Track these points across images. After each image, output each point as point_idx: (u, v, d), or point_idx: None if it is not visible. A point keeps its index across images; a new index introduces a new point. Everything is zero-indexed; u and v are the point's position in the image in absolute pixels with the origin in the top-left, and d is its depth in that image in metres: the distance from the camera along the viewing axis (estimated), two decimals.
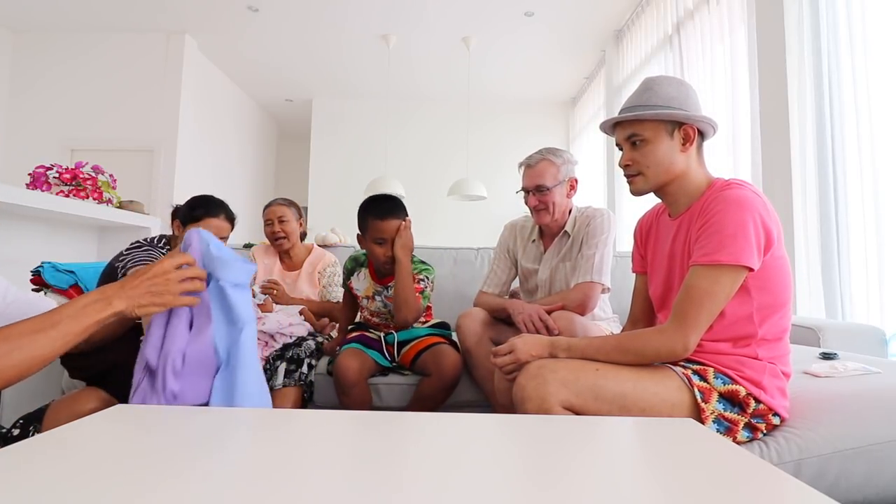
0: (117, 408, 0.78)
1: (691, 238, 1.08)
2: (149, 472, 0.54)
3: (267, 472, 0.53)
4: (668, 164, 1.12)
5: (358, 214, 1.71)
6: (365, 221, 1.69)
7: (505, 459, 0.62)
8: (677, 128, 1.12)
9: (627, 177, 1.18)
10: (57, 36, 5.05)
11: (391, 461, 0.59)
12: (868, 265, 2.01)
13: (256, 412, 0.84)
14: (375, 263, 1.76)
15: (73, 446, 0.60)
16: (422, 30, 4.95)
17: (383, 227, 1.64)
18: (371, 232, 1.67)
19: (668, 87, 1.13)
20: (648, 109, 1.11)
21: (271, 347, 1.95)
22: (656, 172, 1.13)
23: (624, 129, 1.15)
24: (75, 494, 0.47)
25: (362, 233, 1.72)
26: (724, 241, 0.99)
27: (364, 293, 1.84)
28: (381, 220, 1.64)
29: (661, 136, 1.11)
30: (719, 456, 0.62)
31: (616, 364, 1.06)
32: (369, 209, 1.69)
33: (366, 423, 0.76)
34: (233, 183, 6.39)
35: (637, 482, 0.54)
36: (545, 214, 1.73)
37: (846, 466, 1.01)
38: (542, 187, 1.69)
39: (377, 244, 1.67)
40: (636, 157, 1.14)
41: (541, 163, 1.71)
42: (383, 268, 1.73)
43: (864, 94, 2.03)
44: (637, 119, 1.12)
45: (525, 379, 1.04)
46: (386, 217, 1.65)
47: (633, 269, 1.35)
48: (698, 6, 3.29)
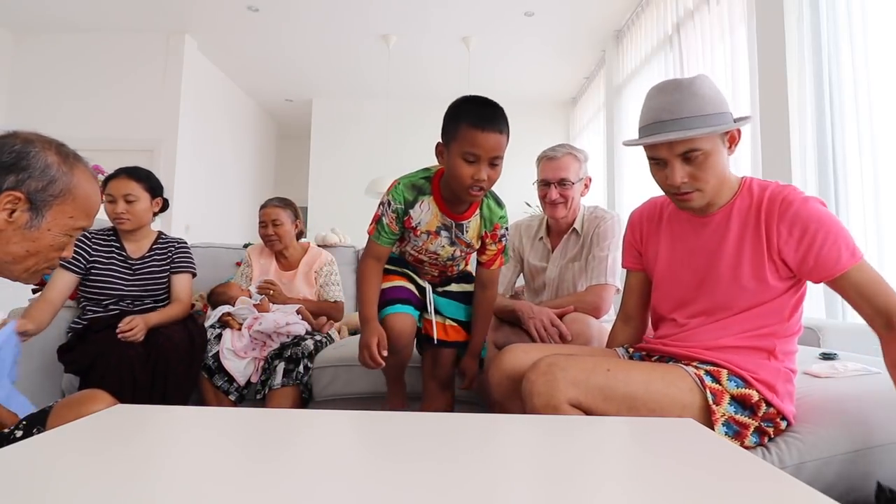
0: (117, 408, 0.78)
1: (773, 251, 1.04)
2: (149, 472, 0.54)
3: (267, 472, 0.53)
4: (723, 174, 1.06)
5: (446, 116, 1.31)
6: (456, 125, 1.26)
7: (505, 459, 0.62)
8: (727, 133, 1.05)
9: (680, 194, 1.06)
10: (57, 36, 5.04)
11: (391, 461, 0.59)
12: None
13: (257, 412, 0.84)
14: (453, 186, 1.32)
15: (73, 446, 0.60)
16: (422, 30, 4.95)
17: (483, 140, 1.23)
18: (461, 143, 1.24)
19: (711, 90, 1.03)
20: (707, 119, 1.00)
21: (269, 347, 1.96)
22: (716, 186, 1.05)
23: (675, 144, 1.01)
24: (75, 494, 0.47)
25: (446, 141, 1.30)
26: (847, 240, 1.00)
27: (426, 227, 1.42)
28: (482, 131, 1.22)
29: (718, 146, 1.03)
30: (719, 456, 0.62)
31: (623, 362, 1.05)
32: (467, 111, 1.27)
33: (366, 423, 0.76)
34: (232, 183, 6.39)
35: (637, 482, 0.54)
36: (562, 208, 1.70)
37: (846, 466, 1.01)
38: (565, 181, 1.66)
39: (467, 161, 1.25)
40: (694, 172, 1.03)
41: (566, 157, 1.68)
42: (464, 194, 1.31)
43: (865, 93, 2.03)
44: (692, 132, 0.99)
45: (535, 375, 1.02)
46: (488, 127, 1.23)
47: (626, 265, 1.32)
48: (698, 6, 3.29)
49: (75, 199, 0.90)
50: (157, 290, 1.93)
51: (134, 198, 1.86)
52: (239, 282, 2.27)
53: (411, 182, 1.40)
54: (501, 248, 1.46)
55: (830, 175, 2.17)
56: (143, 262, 1.93)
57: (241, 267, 2.38)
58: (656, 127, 1.02)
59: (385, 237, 1.42)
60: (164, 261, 1.96)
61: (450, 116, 1.30)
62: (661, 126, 1.02)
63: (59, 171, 0.88)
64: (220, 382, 1.85)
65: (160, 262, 1.95)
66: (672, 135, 1.00)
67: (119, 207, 1.84)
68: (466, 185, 1.26)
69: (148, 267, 1.93)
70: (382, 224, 1.41)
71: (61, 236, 0.90)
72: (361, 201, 5.52)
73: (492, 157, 1.25)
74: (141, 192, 1.88)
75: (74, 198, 0.90)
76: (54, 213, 0.88)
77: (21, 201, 0.85)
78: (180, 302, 1.91)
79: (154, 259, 1.95)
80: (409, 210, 1.40)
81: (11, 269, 0.89)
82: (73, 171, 0.90)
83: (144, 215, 1.91)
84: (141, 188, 1.89)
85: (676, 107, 1.00)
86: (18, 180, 0.85)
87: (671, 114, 1.00)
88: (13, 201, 0.84)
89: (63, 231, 0.90)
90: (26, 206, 0.86)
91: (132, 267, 1.90)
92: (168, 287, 1.95)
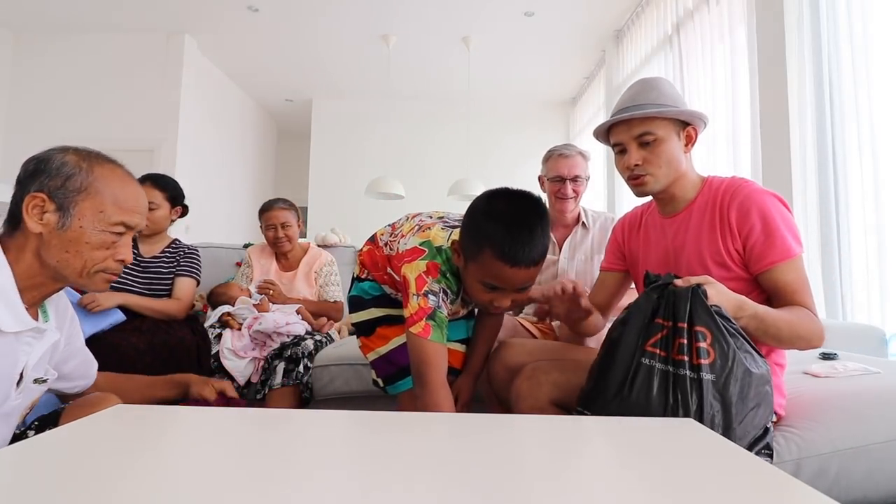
0: (117, 408, 0.78)
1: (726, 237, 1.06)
2: (149, 472, 0.54)
3: (267, 472, 0.53)
4: (676, 163, 1.12)
5: (472, 223, 1.06)
6: (479, 248, 1.03)
7: (506, 459, 0.62)
8: (682, 128, 1.12)
9: (634, 177, 1.13)
10: (57, 36, 5.04)
11: (391, 461, 0.59)
12: (868, 265, 2.01)
13: (257, 412, 0.84)
14: (471, 299, 1.19)
15: (73, 446, 0.60)
16: (422, 30, 4.95)
17: (511, 276, 1.03)
18: (483, 269, 1.04)
19: (671, 88, 1.14)
20: (662, 107, 1.09)
21: (269, 347, 1.96)
22: (667, 172, 1.11)
23: (633, 127, 1.10)
24: (75, 494, 0.47)
25: (463, 252, 1.09)
26: (784, 236, 1.02)
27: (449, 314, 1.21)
28: (511, 267, 1.01)
29: (671, 135, 1.11)
30: (719, 456, 0.62)
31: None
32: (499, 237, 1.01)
33: (365, 423, 0.76)
34: (233, 183, 6.39)
35: (637, 482, 0.54)
36: (572, 203, 1.79)
37: (846, 465, 1.01)
38: (579, 178, 1.77)
39: (487, 289, 1.07)
40: (647, 156, 1.11)
41: (577, 156, 1.79)
42: (482, 307, 1.22)
43: (865, 93, 2.03)
44: (649, 117, 1.09)
45: (521, 380, 1.10)
46: (521, 264, 1.01)
47: (605, 265, 1.36)
48: (698, 6, 3.29)
49: (99, 193, 0.91)
50: (161, 291, 1.95)
51: (155, 206, 1.96)
52: (239, 282, 2.27)
53: (451, 270, 1.16)
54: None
55: (830, 175, 2.17)
56: (153, 262, 1.98)
57: (241, 267, 2.38)
58: (619, 114, 1.13)
59: (442, 330, 1.12)
60: (172, 264, 2.01)
61: (474, 230, 1.05)
62: (623, 112, 1.12)
63: (75, 167, 0.91)
64: None
65: (168, 265, 2.00)
66: (627, 114, 1.10)
67: None
68: (483, 304, 1.13)
69: (156, 267, 1.97)
70: (439, 318, 1.11)
71: (98, 233, 0.91)
72: (361, 201, 5.52)
73: (521, 288, 1.07)
74: (162, 200, 1.99)
75: (98, 191, 0.91)
76: (81, 209, 0.90)
77: (46, 201, 0.88)
78: (178, 300, 1.94)
79: (163, 261, 2.00)
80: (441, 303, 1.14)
81: (68, 276, 0.91)
82: (92, 166, 0.92)
83: (162, 222, 2.01)
84: (163, 196, 1.99)
85: (637, 97, 1.12)
86: (40, 183, 0.89)
87: (632, 102, 1.12)
88: (39, 203, 0.88)
89: (98, 227, 0.91)
90: (52, 205, 0.88)
91: (141, 264, 1.95)
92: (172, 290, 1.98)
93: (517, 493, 0.50)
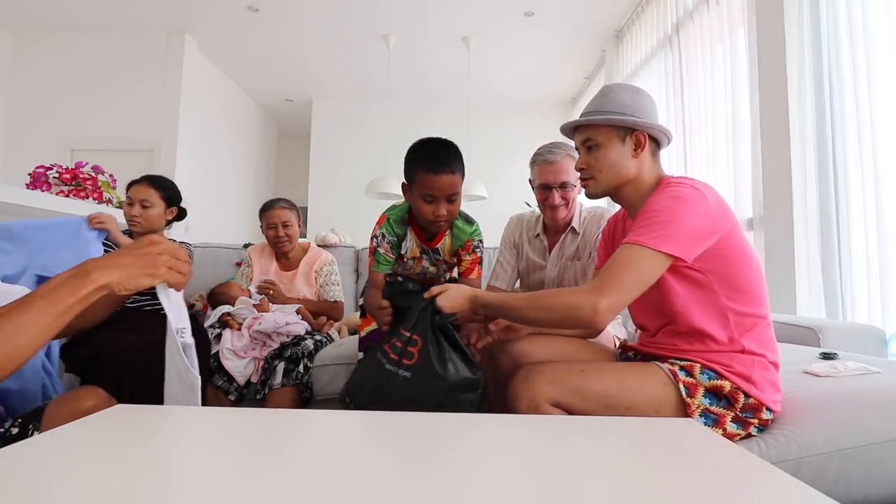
0: (117, 408, 0.78)
1: None
2: (148, 472, 0.54)
3: (267, 472, 0.53)
4: (618, 168, 1.16)
5: (405, 159, 1.44)
6: (413, 169, 1.41)
7: (506, 458, 0.62)
8: (629, 134, 1.15)
9: (583, 180, 1.22)
10: (57, 36, 5.04)
11: (391, 460, 0.59)
12: (868, 265, 2.00)
13: (256, 412, 0.84)
14: (419, 221, 1.50)
15: (73, 446, 0.60)
16: (422, 30, 4.95)
17: (437, 182, 1.36)
18: (419, 185, 1.39)
19: (623, 95, 1.17)
20: (605, 115, 1.15)
21: (269, 347, 1.96)
22: (607, 176, 1.17)
23: (581, 133, 1.19)
24: (75, 494, 0.47)
25: (408, 183, 1.45)
26: (653, 226, 1.02)
27: (410, 254, 1.58)
28: (436, 174, 1.36)
29: (612, 142, 1.15)
30: (719, 456, 0.62)
31: (599, 363, 1.11)
32: (420, 157, 1.40)
33: (365, 423, 0.76)
34: (233, 183, 6.39)
35: (638, 482, 0.54)
36: (563, 210, 1.67)
37: (846, 465, 1.01)
38: (567, 184, 1.64)
39: (426, 202, 1.39)
40: (590, 160, 1.18)
41: (565, 158, 1.64)
42: (430, 227, 1.48)
43: (865, 93, 2.03)
44: (591, 124, 1.16)
45: (516, 381, 1.11)
46: (441, 170, 1.36)
47: (599, 265, 1.39)
48: (698, 6, 3.29)
49: None
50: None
51: (150, 204, 1.97)
52: (239, 282, 2.27)
53: (399, 217, 1.55)
54: (477, 258, 1.56)
55: (830, 175, 2.17)
56: None
57: (241, 267, 2.38)
58: (570, 121, 1.22)
59: (384, 265, 1.55)
60: None
61: (408, 161, 1.43)
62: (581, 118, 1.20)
63: None
64: (220, 382, 1.85)
65: None
66: (569, 122, 1.21)
67: (134, 210, 1.97)
68: (429, 220, 1.42)
69: None
70: (379, 254, 1.54)
71: None
72: (361, 201, 5.52)
73: (448, 195, 1.38)
74: (157, 199, 2.00)
75: None
76: None
77: None
78: None
79: None
80: (401, 245, 1.56)
81: None
82: None
83: (156, 221, 2.01)
84: (158, 196, 2.00)
85: (592, 104, 1.21)
86: None
87: (588, 108, 1.21)
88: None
89: None
90: None
91: None
92: None
93: (518, 492, 0.50)
